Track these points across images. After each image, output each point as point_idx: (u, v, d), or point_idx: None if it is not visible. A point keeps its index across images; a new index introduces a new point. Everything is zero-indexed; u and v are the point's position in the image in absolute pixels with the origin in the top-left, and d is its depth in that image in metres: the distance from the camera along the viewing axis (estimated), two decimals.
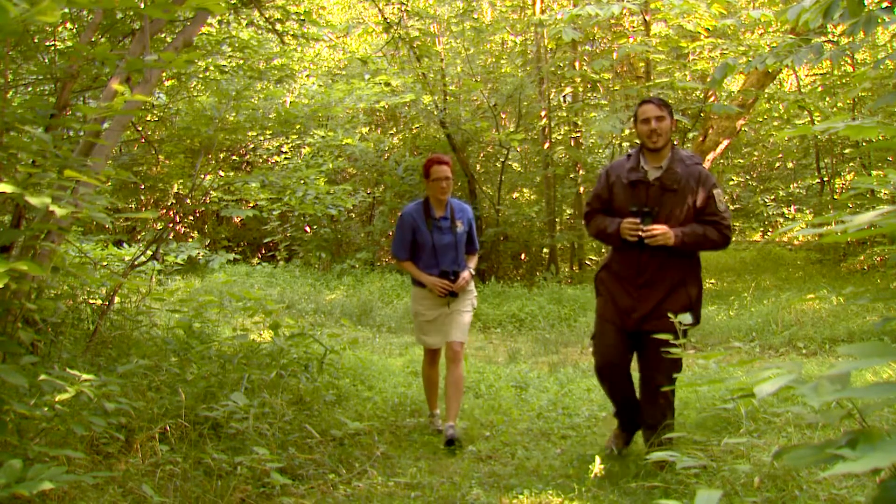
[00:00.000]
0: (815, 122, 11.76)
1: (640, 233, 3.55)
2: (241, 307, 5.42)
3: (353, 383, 5.31)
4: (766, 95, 11.21)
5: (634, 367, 3.91)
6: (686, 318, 3.04)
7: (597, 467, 3.58)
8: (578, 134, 12.85)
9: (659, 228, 3.55)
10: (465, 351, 4.66)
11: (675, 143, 3.73)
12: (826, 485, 3.22)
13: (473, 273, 4.62)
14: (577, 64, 11.76)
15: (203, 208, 11.43)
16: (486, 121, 11.75)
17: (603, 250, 12.78)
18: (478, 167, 12.73)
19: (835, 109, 11.78)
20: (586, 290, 10.07)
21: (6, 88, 3.26)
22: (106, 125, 4.09)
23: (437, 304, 4.52)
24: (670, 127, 3.66)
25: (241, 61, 6.74)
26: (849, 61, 11.90)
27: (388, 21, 10.93)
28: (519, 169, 13.57)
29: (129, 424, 3.49)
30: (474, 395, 5.38)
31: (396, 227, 4.60)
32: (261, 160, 12.97)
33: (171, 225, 9.59)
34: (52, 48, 4.76)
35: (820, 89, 12.05)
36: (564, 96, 12.73)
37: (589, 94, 12.53)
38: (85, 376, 2.96)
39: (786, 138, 14.60)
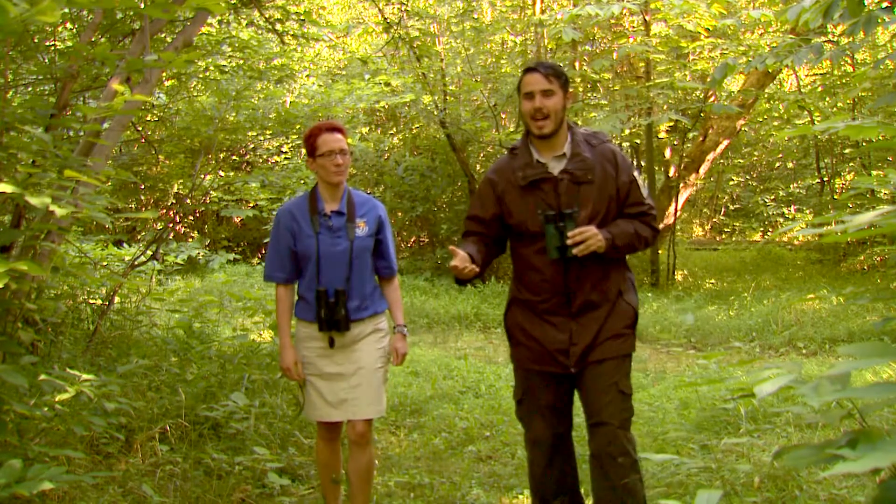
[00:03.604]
0: (815, 122, 11.76)
1: (566, 242, 2.61)
2: (241, 307, 5.42)
3: None
4: (766, 95, 11.22)
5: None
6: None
7: None
8: None
9: (587, 231, 2.61)
10: (373, 432, 3.28)
11: (571, 120, 2.80)
12: (826, 485, 3.22)
13: (405, 331, 3.17)
14: (577, 64, 11.76)
15: (203, 208, 11.42)
16: (486, 121, 11.75)
17: None
18: (478, 167, 12.72)
19: (835, 109, 11.79)
20: None
21: (6, 88, 3.26)
22: (106, 125, 4.09)
23: (327, 346, 3.05)
24: (564, 105, 2.70)
25: (241, 61, 6.75)
26: (849, 61, 11.90)
27: (388, 21, 10.94)
28: None
29: (129, 424, 3.49)
30: (474, 395, 5.38)
31: (270, 235, 3.17)
32: (261, 160, 12.96)
33: (171, 225, 9.59)
34: (52, 48, 4.76)
35: (820, 89, 12.06)
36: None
37: (589, 94, 12.53)
38: (85, 376, 2.97)
39: (786, 138, 14.61)
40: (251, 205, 6.34)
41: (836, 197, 12.46)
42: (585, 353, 2.72)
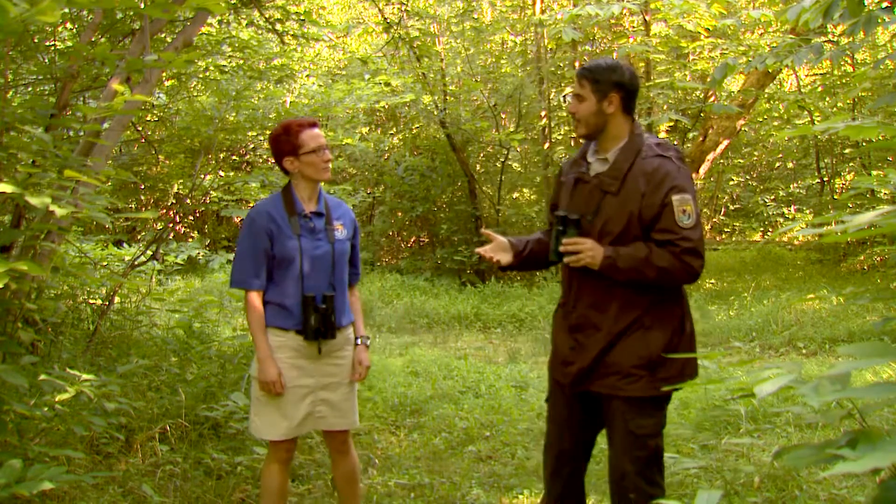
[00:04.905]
0: (815, 122, 11.76)
1: (559, 248, 2.50)
2: (241, 307, 5.42)
3: None
4: (766, 95, 11.21)
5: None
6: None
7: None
8: None
9: (582, 243, 2.45)
10: (351, 439, 3.04)
11: (638, 124, 2.60)
12: (826, 485, 3.22)
13: (368, 342, 3.01)
14: (577, 64, 11.75)
15: (203, 208, 11.43)
16: (486, 121, 11.75)
17: None
18: (478, 167, 12.73)
19: (835, 109, 11.78)
20: None
21: (6, 88, 3.26)
22: (106, 125, 4.09)
23: (306, 354, 2.83)
24: (597, 108, 2.54)
25: (241, 61, 6.75)
26: (849, 61, 11.90)
27: (388, 21, 10.93)
28: (519, 169, 13.57)
29: (129, 424, 3.50)
30: (474, 395, 5.38)
31: (241, 238, 2.87)
32: (261, 160, 12.96)
33: (171, 225, 9.60)
34: (52, 48, 4.76)
35: (820, 89, 12.05)
36: (564, 96, 12.71)
37: None
38: (85, 376, 2.97)
39: (786, 138, 14.60)
40: (251, 205, 6.33)
41: (836, 197, 12.46)
42: (582, 378, 2.53)
